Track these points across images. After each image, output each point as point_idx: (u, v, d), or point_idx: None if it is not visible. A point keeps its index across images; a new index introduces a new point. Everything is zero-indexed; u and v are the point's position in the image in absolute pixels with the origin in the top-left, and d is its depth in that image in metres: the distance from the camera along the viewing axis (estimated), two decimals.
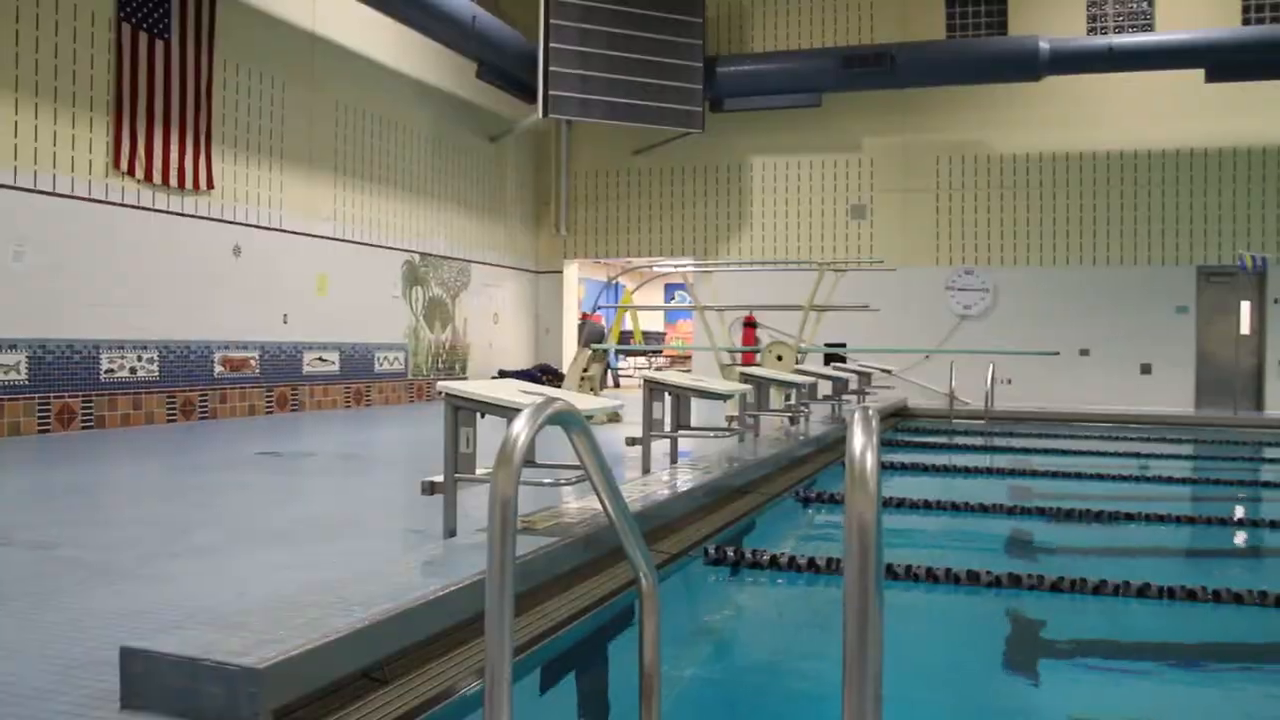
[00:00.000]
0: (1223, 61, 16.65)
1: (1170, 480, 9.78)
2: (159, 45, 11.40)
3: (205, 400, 12.20)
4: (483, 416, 4.43)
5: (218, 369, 12.41)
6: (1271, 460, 11.70)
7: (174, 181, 11.61)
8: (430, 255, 16.98)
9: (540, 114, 17.23)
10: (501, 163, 19.64)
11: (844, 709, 1.71)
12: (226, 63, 12.55)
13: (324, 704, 2.91)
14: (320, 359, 14.19)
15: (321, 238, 14.25)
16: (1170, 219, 18.54)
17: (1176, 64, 17.04)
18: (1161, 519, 7.35)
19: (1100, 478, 9.66)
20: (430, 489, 4.43)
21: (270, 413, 13.24)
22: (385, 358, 15.71)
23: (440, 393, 4.45)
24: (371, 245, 15.42)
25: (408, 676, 3.29)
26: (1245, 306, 18.48)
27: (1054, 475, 9.86)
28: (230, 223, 12.58)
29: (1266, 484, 9.45)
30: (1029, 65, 17.10)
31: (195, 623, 2.96)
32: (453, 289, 17.69)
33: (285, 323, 13.53)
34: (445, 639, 3.48)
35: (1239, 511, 7.92)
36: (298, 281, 13.80)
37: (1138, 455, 11.85)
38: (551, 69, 16.92)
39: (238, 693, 2.56)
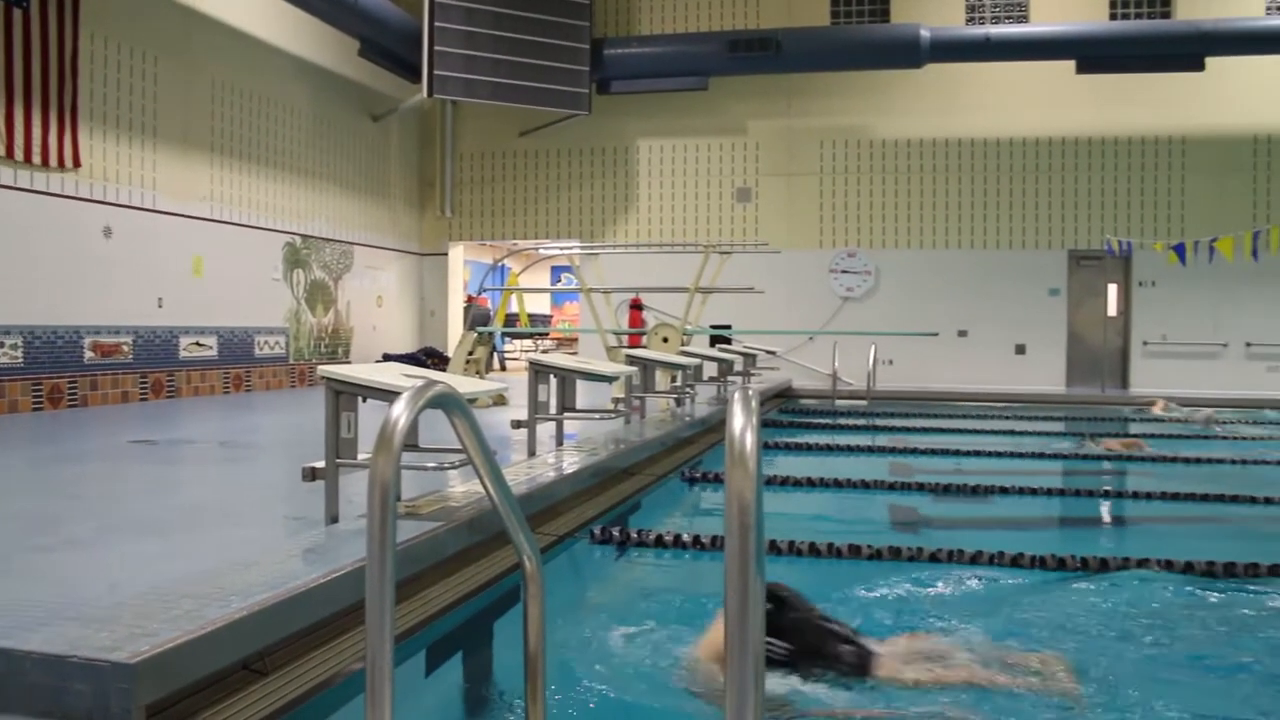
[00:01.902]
0: (1092, 54, 17.24)
1: (1041, 455, 10.12)
2: (16, 14, 10.89)
3: (75, 388, 11.76)
4: (364, 401, 4.36)
5: (88, 355, 11.97)
6: (1135, 435, 12.19)
7: (37, 159, 11.13)
8: (312, 237, 16.63)
9: (425, 94, 16.98)
10: (385, 143, 19.30)
11: (726, 682, 1.73)
12: (94, 35, 12.06)
13: (201, 698, 2.84)
14: (197, 344, 13.81)
15: (198, 219, 13.83)
16: (1043, 204, 19.14)
17: (1049, 55, 17.59)
18: (1033, 492, 7.64)
19: (977, 454, 9.95)
20: (311, 475, 4.35)
21: (145, 400, 12.83)
22: (266, 342, 15.36)
23: (322, 377, 4.37)
24: (250, 227, 15.03)
25: (289, 667, 3.23)
26: (1112, 289, 19.22)
27: (933, 452, 10.12)
28: (100, 202, 12.12)
29: (1130, 459, 9.85)
30: (910, 53, 17.44)
31: (62, 618, 2.86)
32: (335, 271, 17.37)
33: (160, 306, 13.11)
34: (328, 627, 3.43)
35: (1104, 484, 8.23)
36: (173, 264, 13.37)
37: (1012, 433, 12.24)
38: (436, 48, 16.68)
39: (108, 690, 2.48)
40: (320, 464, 4.33)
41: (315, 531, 4.21)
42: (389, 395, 4.01)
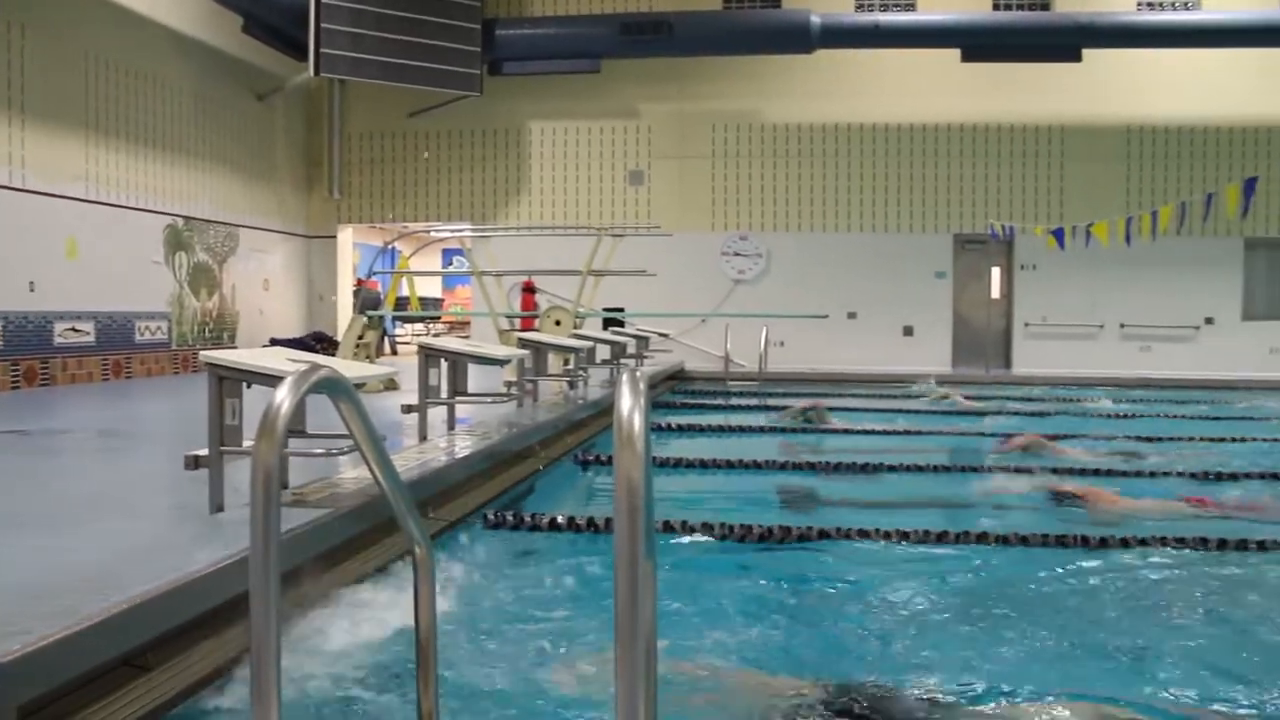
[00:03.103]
0: (976, 43, 17.67)
1: (927, 434, 10.35)
2: None
3: None
4: (249, 386, 4.27)
5: None
6: (1017, 415, 12.57)
7: None
8: (194, 219, 16.16)
9: (311, 72, 16.61)
10: (271, 122, 18.83)
11: (616, 664, 1.73)
12: None
13: (79, 696, 2.76)
14: (73, 329, 13.33)
15: (72, 199, 13.32)
16: (930, 189, 19.57)
17: (936, 43, 17.98)
18: (920, 469, 7.82)
19: (866, 433, 10.15)
20: (194, 463, 4.24)
21: (17, 389, 12.34)
22: (147, 327, 14.90)
23: (205, 362, 4.26)
24: (129, 208, 14.53)
25: (172, 661, 3.15)
26: (996, 272, 19.76)
27: (823, 432, 10.28)
28: None
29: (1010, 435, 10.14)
30: (801, 38, 17.63)
31: None
32: (219, 254, 16.92)
33: (32, 291, 12.62)
34: (213, 619, 3.35)
35: (986, 460, 8.44)
36: (45, 246, 12.86)
37: (900, 411, 12.51)
38: (323, 25, 16.31)
39: None
40: (204, 452, 4.23)
41: (199, 521, 4.12)
42: (274, 380, 3.93)
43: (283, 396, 2.19)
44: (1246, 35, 17.33)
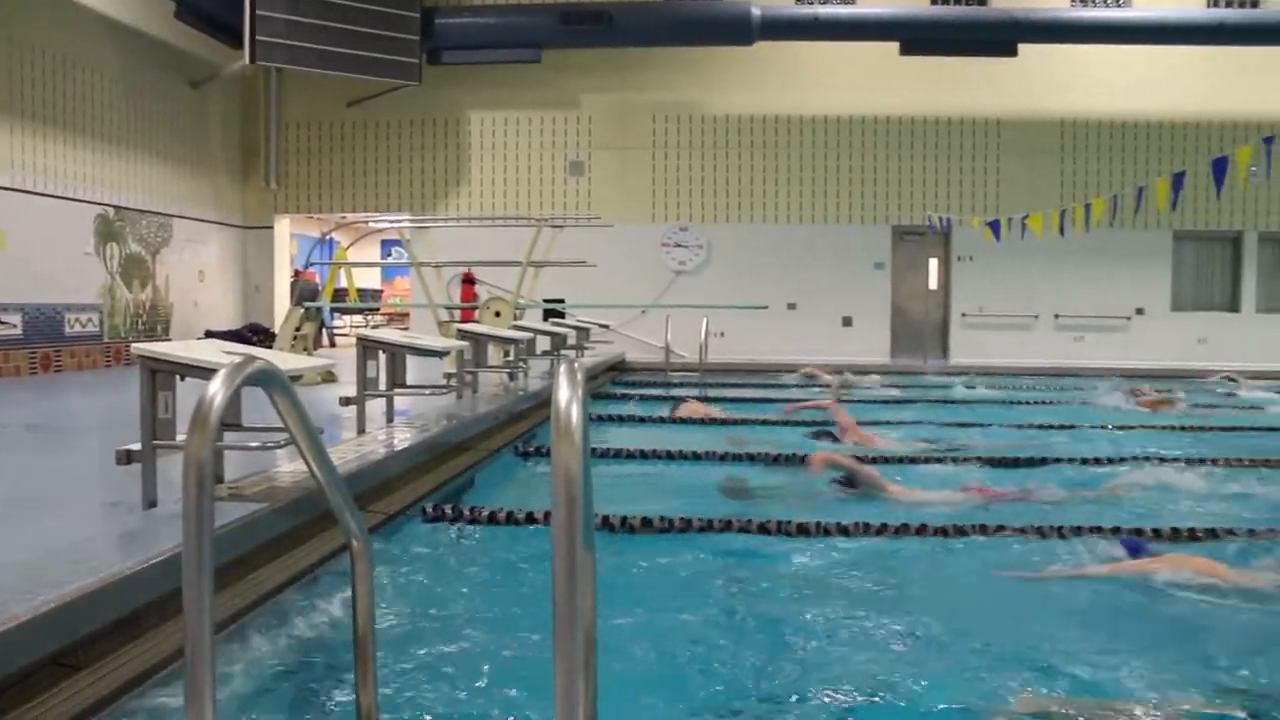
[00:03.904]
0: (914, 37, 17.88)
1: (867, 424, 10.42)
2: None
3: None
4: (183, 379, 4.20)
5: None
6: (951, 402, 12.74)
7: None
8: (126, 209, 15.84)
9: (247, 60, 16.35)
10: (205, 111, 18.51)
11: (554, 654, 1.74)
12: None
13: (7, 697, 2.70)
14: (0, 321, 13.03)
15: None
16: (869, 181, 19.75)
17: (875, 36, 18.12)
18: (860, 460, 7.86)
19: (806, 424, 10.20)
20: (127, 458, 4.17)
21: None
22: (77, 319, 14.59)
23: (137, 355, 4.19)
24: (58, 197, 14.21)
25: (104, 660, 3.10)
26: (933, 263, 19.99)
27: (764, 424, 10.33)
28: None
29: (949, 424, 10.28)
30: (742, 30, 17.69)
31: None
32: (153, 245, 16.61)
33: None
34: (146, 616, 3.30)
35: (922, 448, 8.54)
36: None
37: (839, 401, 12.60)
38: (259, 12, 16.05)
39: None
40: (136, 446, 4.15)
41: (131, 517, 4.05)
42: (207, 373, 3.87)
43: (216, 389, 2.15)
44: (1175, 33, 17.73)
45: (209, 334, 16.82)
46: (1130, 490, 6.74)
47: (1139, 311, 19.65)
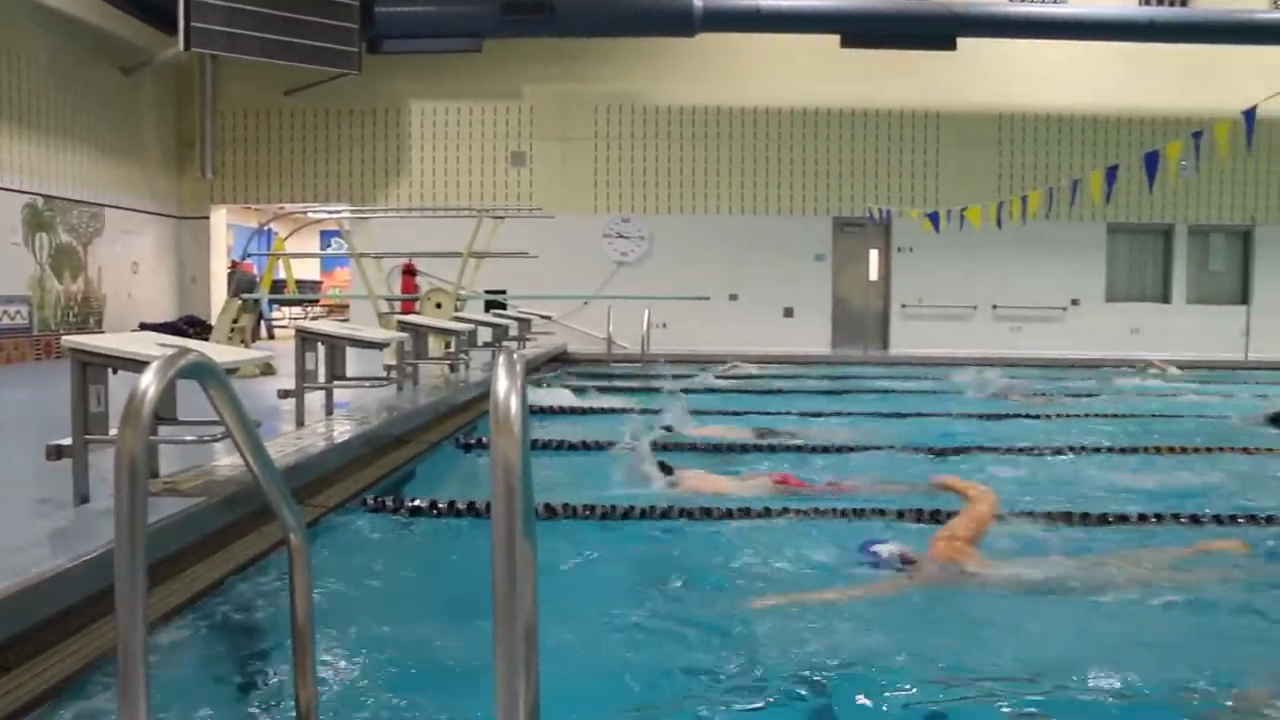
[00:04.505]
0: (855, 29, 18.01)
1: (810, 415, 10.49)
2: None
3: None
4: (115, 373, 4.12)
5: None
6: (883, 391, 12.89)
7: None
8: (56, 198, 15.50)
9: (181, 46, 16.01)
10: (138, 99, 18.14)
11: (495, 647, 1.73)
12: None
13: None
14: None
15: None
16: (810, 173, 19.87)
17: (816, 28, 18.24)
18: (799, 449, 7.95)
19: (750, 414, 10.26)
20: (57, 454, 4.08)
21: None
22: (5, 311, 14.26)
23: (68, 348, 4.11)
24: None
25: (33, 661, 3.03)
26: (874, 255, 20.18)
27: (703, 414, 10.35)
28: None
29: (885, 414, 10.39)
30: (683, 21, 17.68)
31: None
32: (84, 236, 16.28)
33: None
34: (78, 615, 3.24)
35: (861, 438, 8.61)
36: None
37: (780, 392, 12.70)
38: None
39: None
40: (67, 441, 4.07)
41: (62, 513, 3.97)
42: (140, 366, 3.80)
43: (148, 382, 2.11)
44: (1108, 29, 18.10)
45: (143, 326, 16.52)
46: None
47: (1074, 302, 20.00)
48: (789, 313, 19.86)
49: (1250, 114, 8.83)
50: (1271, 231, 20.13)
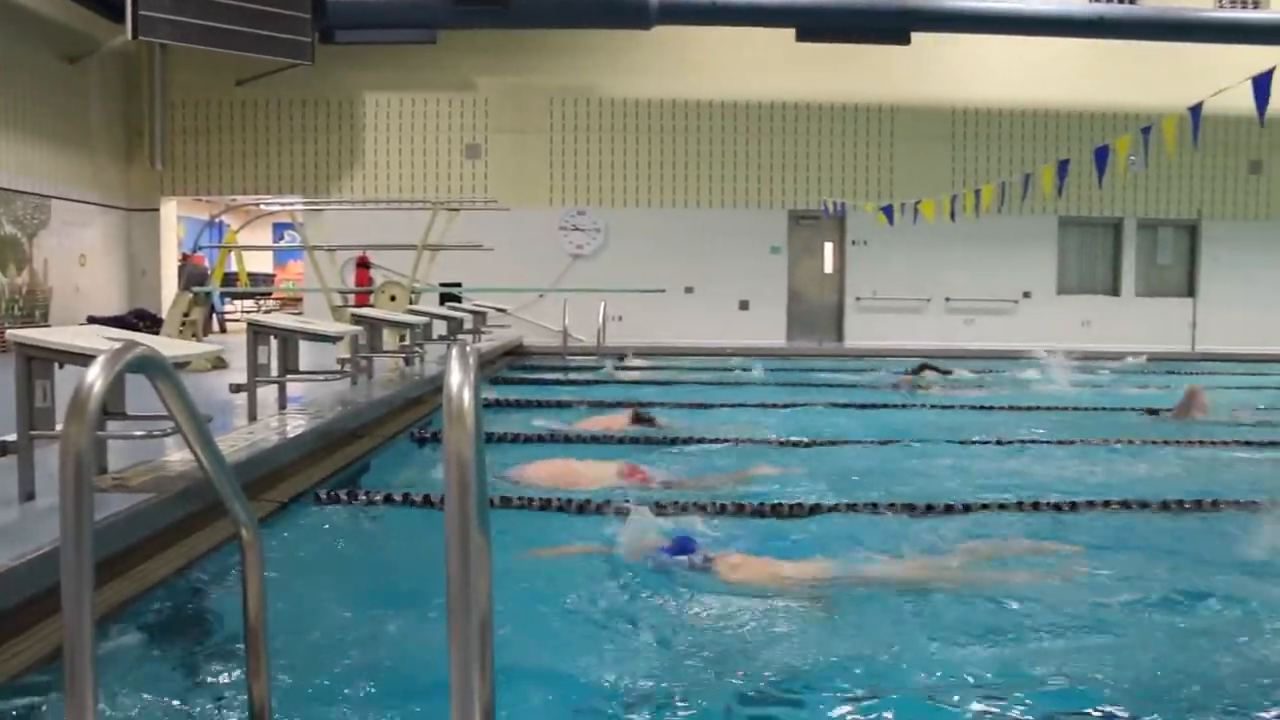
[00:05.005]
0: (810, 23, 18.06)
1: (767, 407, 10.54)
2: None
3: None
4: (61, 367, 4.06)
5: None
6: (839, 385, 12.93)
7: None
8: None
9: (129, 35, 15.75)
10: (84, 88, 17.83)
11: (450, 640, 1.72)
12: None
13: None
14: None
15: None
16: (766, 166, 19.94)
17: (771, 22, 18.26)
18: (757, 442, 7.99)
19: (704, 407, 10.28)
20: (1, 450, 4.02)
21: None
22: None
23: (11, 341, 4.04)
24: None
25: None
26: (828, 247, 20.30)
27: (661, 406, 10.35)
28: None
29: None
30: (639, 14, 17.65)
31: None
32: (28, 227, 16.00)
33: None
34: (22, 615, 3.18)
35: (822, 430, 8.65)
36: None
37: (736, 384, 12.73)
38: None
39: None
40: (11, 437, 4.00)
41: (7, 511, 3.90)
42: (87, 360, 3.74)
43: (94, 376, 2.07)
44: (1058, 25, 18.32)
45: (91, 320, 16.28)
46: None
47: (1026, 295, 20.22)
48: (745, 305, 19.93)
49: (1196, 110, 8.94)
50: (1217, 225, 20.47)
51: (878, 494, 6.02)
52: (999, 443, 8.03)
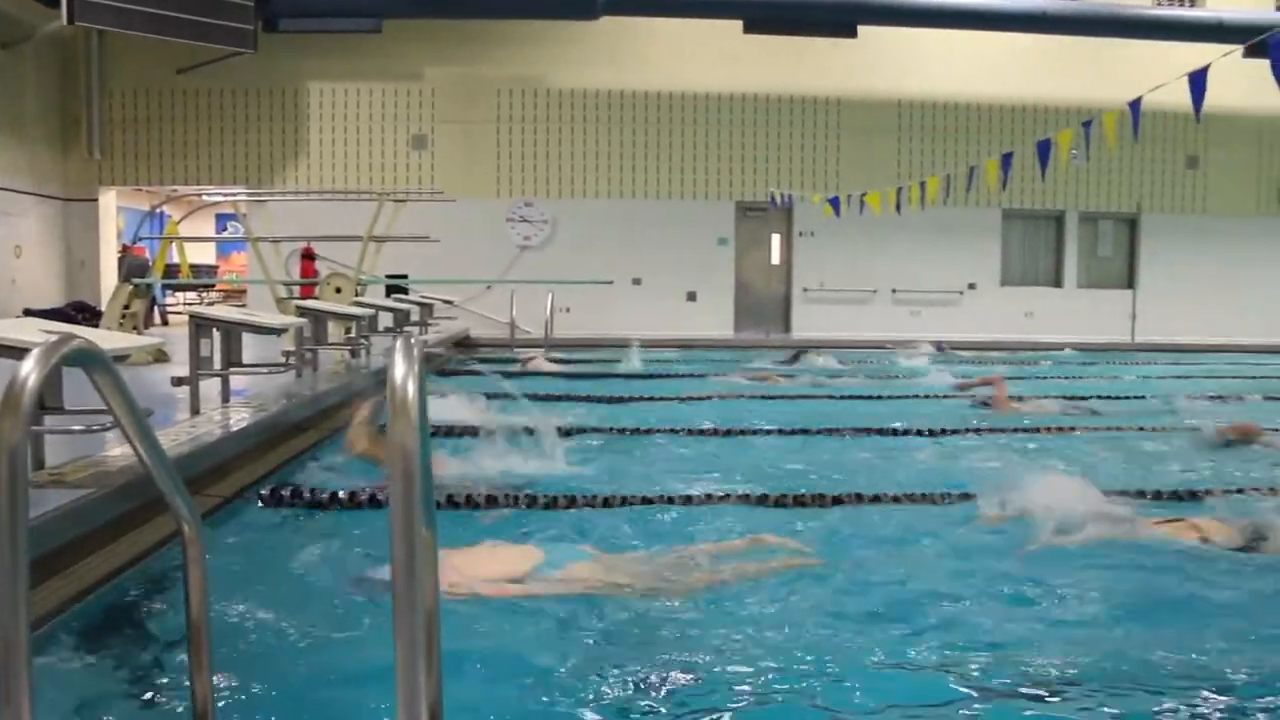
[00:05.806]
0: (756, 15, 18.19)
1: (715, 399, 10.57)
2: None
3: None
4: None
5: None
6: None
7: None
8: None
9: (65, 20, 15.44)
10: (18, 74, 17.46)
11: (395, 638, 1.70)
12: None
13: None
14: None
15: None
16: (713, 157, 19.99)
17: (718, 13, 18.34)
18: (701, 432, 8.02)
19: (651, 400, 10.29)
20: None
21: None
22: None
23: None
24: None
25: None
26: (776, 239, 20.39)
27: (610, 400, 10.35)
28: None
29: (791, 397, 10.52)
30: (586, 4, 17.63)
31: None
32: None
33: None
34: None
35: (763, 424, 8.69)
36: None
37: (685, 376, 12.76)
38: None
39: None
40: None
41: None
42: (21, 353, 3.65)
43: (29, 369, 2.02)
44: (1001, 20, 18.59)
45: (28, 313, 15.95)
46: None
47: (971, 286, 20.45)
48: (692, 297, 19.97)
49: (1136, 105, 9.07)
50: (1156, 219, 20.83)
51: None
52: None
